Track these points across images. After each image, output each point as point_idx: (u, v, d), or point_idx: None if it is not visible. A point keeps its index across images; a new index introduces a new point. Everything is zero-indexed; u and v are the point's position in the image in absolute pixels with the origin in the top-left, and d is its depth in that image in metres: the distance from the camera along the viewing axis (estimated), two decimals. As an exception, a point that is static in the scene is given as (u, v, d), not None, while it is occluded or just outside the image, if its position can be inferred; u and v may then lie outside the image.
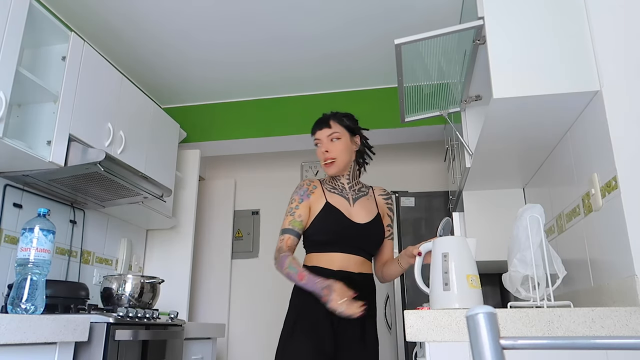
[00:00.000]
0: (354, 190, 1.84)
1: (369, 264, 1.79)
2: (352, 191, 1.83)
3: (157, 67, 3.29)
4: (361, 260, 1.75)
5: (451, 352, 1.06)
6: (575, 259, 1.73)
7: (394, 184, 3.96)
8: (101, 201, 2.67)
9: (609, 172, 1.41)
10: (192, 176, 3.54)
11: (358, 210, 1.78)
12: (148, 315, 2.19)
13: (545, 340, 0.54)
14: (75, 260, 2.67)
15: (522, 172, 2.22)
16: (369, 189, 1.89)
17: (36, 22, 2.11)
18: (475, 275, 1.34)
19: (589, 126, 1.56)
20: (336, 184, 1.84)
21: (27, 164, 2.08)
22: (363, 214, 1.78)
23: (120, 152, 2.57)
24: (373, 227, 1.77)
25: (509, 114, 1.64)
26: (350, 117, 1.87)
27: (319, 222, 1.75)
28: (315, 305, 1.62)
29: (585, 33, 1.51)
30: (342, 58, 3.21)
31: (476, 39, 1.71)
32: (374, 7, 2.69)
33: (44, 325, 1.50)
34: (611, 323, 1.03)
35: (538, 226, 1.35)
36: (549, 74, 1.50)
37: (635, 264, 1.29)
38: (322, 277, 1.60)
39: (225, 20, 2.78)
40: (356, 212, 1.77)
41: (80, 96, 2.30)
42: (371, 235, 1.77)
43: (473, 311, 0.53)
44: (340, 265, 1.71)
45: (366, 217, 1.77)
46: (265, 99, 3.73)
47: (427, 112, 2.25)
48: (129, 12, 2.72)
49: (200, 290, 4.05)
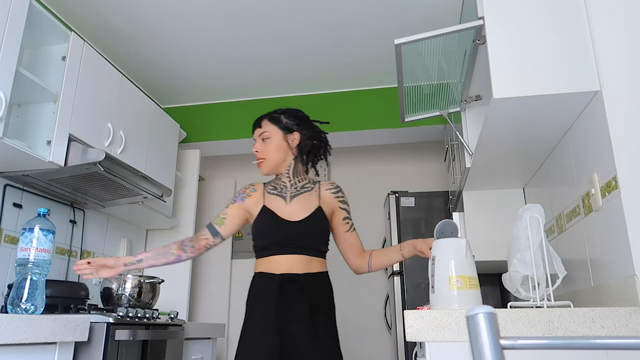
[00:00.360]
0: (295, 188, 1.77)
1: (318, 261, 1.71)
2: (293, 189, 1.77)
3: (157, 67, 3.29)
4: (307, 259, 1.67)
5: (451, 352, 1.06)
6: (575, 259, 1.73)
7: (394, 184, 3.96)
8: (101, 201, 2.67)
9: (609, 172, 1.41)
10: (192, 176, 3.54)
11: (294, 208, 1.72)
12: (148, 315, 2.19)
13: (545, 340, 0.54)
14: (75, 260, 2.67)
15: (522, 172, 2.22)
16: (315, 184, 1.82)
17: (36, 22, 2.11)
18: (462, 277, 1.32)
19: (589, 126, 1.56)
20: (278, 183, 1.79)
21: (27, 164, 2.08)
22: (299, 211, 1.71)
23: (120, 152, 2.57)
24: (310, 223, 1.70)
25: (509, 114, 1.64)
26: (292, 114, 1.82)
27: (255, 227, 1.72)
28: (264, 305, 1.62)
29: (585, 33, 1.51)
30: (342, 58, 3.21)
31: (476, 39, 1.71)
32: (374, 7, 2.69)
33: (43, 325, 1.50)
34: (611, 323, 1.03)
35: (538, 226, 1.35)
36: (549, 74, 1.50)
37: (635, 264, 1.29)
38: (265, 282, 1.64)
39: (225, 20, 2.78)
40: (291, 210, 1.71)
41: (80, 96, 2.30)
42: (308, 231, 1.69)
43: (473, 311, 0.53)
44: (284, 267, 1.65)
45: (302, 214, 1.70)
46: (265, 98, 3.73)
47: (427, 112, 2.25)
48: (129, 12, 2.72)
49: (200, 290, 4.05)
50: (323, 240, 1.74)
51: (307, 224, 1.69)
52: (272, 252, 1.68)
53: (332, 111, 3.58)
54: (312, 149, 1.84)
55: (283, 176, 1.79)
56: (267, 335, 1.57)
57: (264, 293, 1.65)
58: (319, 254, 1.72)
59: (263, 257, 1.71)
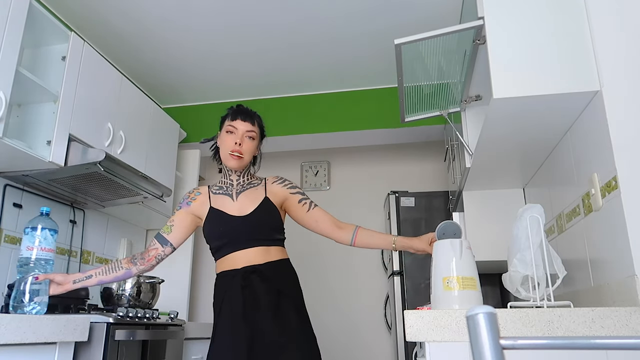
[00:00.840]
0: (240, 185, 1.78)
1: (276, 250, 1.71)
2: (239, 186, 1.77)
3: (157, 67, 3.29)
4: (264, 249, 1.68)
5: (451, 352, 1.06)
6: (575, 259, 1.73)
7: (394, 184, 3.96)
8: (101, 201, 2.67)
9: (609, 172, 1.41)
10: (192, 176, 3.54)
11: (241, 203, 1.72)
12: (148, 315, 2.19)
13: (545, 340, 0.54)
14: (75, 260, 2.67)
15: (522, 172, 2.22)
16: (262, 180, 1.82)
17: (36, 22, 2.11)
18: (456, 277, 1.32)
19: (589, 126, 1.56)
20: (224, 182, 1.79)
21: (27, 164, 2.08)
22: (246, 205, 1.71)
23: (120, 152, 2.57)
24: (259, 214, 1.70)
25: (509, 114, 1.64)
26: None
27: (207, 229, 1.72)
28: (231, 299, 1.63)
29: (585, 33, 1.51)
30: (342, 58, 3.21)
31: (476, 38, 1.71)
32: (374, 6, 2.69)
33: (43, 325, 1.50)
34: (611, 323, 1.03)
35: (538, 226, 1.35)
36: (549, 74, 1.50)
37: (635, 263, 1.29)
38: (228, 279, 1.65)
39: (225, 20, 2.78)
40: (239, 206, 1.72)
41: (80, 96, 2.30)
42: (259, 223, 1.69)
43: (473, 311, 0.53)
44: (244, 262, 1.66)
45: (250, 207, 1.71)
46: (265, 98, 3.73)
47: (427, 112, 2.25)
48: (129, 12, 2.72)
49: (200, 290, 4.05)
50: (275, 228, 1.74)
51: (256, 215, 1.70)
52: (229, 250, 1.69)
53: (332, 111, 3.58)
54: (259, 157, 1.87)
55: (234, 174, 1.78)
56: (238, 328, 1.58)
57: (229, 288, 1.66)
58: (276, 242, 1.73)
59: (221, 257, 1.71)
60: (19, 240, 2.28)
